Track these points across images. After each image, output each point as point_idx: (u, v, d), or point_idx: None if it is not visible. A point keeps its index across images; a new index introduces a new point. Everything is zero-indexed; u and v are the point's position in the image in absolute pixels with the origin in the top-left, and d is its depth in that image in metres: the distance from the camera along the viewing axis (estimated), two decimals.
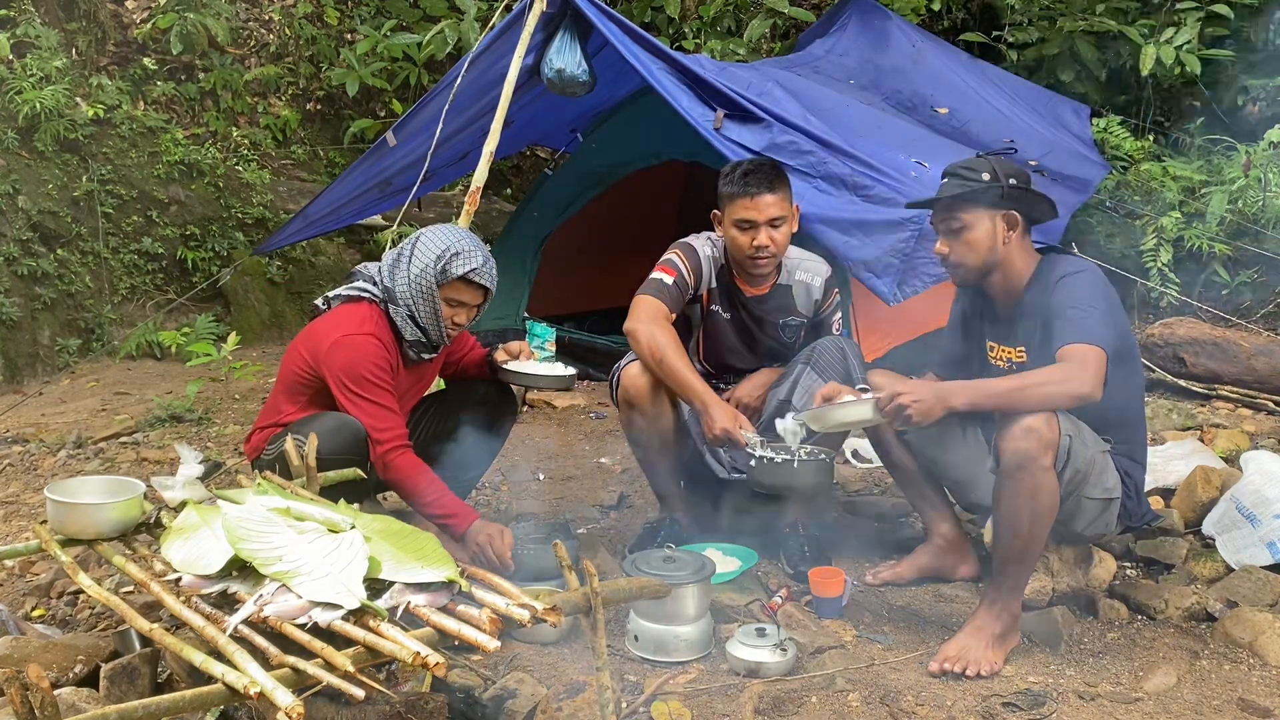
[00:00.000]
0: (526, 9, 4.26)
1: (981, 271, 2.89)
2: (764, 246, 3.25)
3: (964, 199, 2.82)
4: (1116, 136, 6.54)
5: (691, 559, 2.88)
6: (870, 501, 3.95)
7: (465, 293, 3.06)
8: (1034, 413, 2.58)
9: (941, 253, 2.92)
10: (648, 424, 3.27)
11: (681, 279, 3.33)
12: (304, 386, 3.09)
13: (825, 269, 3.46)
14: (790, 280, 3.42)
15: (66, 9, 7.41)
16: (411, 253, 3.07)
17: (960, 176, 2.85)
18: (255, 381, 5.57)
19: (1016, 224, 2.85)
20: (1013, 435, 2.58)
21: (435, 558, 2.10)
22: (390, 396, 3.03)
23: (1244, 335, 5.06)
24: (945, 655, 2.67)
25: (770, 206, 3.23)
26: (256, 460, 3.14)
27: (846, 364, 3.24)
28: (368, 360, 2.99)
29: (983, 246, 2.84)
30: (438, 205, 7.32)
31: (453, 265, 3.01)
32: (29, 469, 4.49)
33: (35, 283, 6.10)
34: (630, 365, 3.26)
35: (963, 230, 2.84)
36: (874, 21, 6.21)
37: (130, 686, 2.33)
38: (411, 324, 3.07)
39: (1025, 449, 2.57)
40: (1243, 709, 2.51)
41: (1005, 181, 2.81)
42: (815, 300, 3.43)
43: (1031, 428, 2.57)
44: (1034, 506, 2.61)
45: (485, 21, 6.15)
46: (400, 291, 3.05)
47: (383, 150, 5.05)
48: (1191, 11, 6.83)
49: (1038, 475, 2.59)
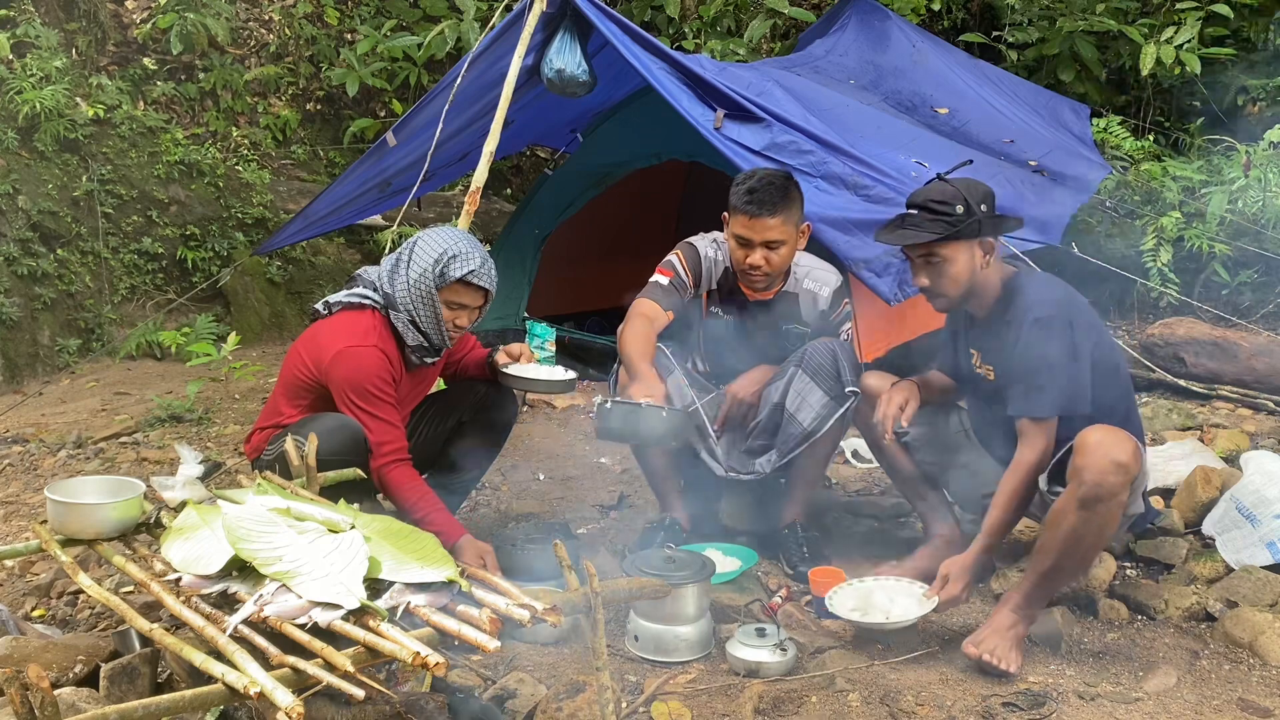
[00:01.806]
0: (526, 9, 4.26)
1: (963, 299, 2.89)
2: (757, 266, 3.21)
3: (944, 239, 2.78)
4: (1116, 136, 6.54)
5: (691, 559, 2.88)
6: (870, 501, 3.95)
7: (465, 295, 3.06)
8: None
9: (923, 285, 2.89)
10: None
11: (678, 279, 3.34)
12: (305, 390, 3.09)
13: (835, 279, 3.40)
14: (798, 288, 3.38)
15: (66, 9, 7.41)
16: (409, 257, 3.06)
17: (933, 211, 2.78)
18: (255, 381, 5.57)
19: (993, 249, 2.85)
20: (1102, 469, 2.55)
21: (435, 558, 2.10)
22: (392, 409, 3.04)
23: (1244, 335, 5.05)
24: (981, 645, 2.67)
25: (769, 230, 3.17)
26: (256, 460, 3.15)
27: (837, 366, 3.21)
28: (371, 374, 2.99)
29: (964, 278, 2.83)
30: (438, 205, 7.32)
31: (451, 268, 3.01)
32: (29, 469, 4.49)
33: (35, 283, 6.10)
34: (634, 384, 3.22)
35: (943, 264, 2.81)
36: (874, 22, 6.20)
37: (130, 686, 2.33)
38: (413, 329, 3.07)
39: (1113, 484, 2.55)
40: (1243, 709, 2.52)
41: (979, 211, 2.77)
42: (822, 311, 3.37)
43: (1123, 464, 2.55)
44: (1099, 537, 2.63)
45: (485, 21, 6.14)
46: (400, 297, 3.05)
47: (383, 150, 5.04)
48: (1191, 11, 6.83)
49: (1113, 510, 2.59)
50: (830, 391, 3.20)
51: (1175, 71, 6.69)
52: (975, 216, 2.77)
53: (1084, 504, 2.56)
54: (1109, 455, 2.54)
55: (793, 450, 3.25)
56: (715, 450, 3.35)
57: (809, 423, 3.21)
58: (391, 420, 3.03)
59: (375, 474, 2.99)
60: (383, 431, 2.99)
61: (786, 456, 3.27)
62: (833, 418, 3.20)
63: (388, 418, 3.02)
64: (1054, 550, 2.64)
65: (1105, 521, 2.59)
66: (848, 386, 3.18)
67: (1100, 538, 2.64)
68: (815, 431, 3.21)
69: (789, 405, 3.25)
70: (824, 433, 3.22)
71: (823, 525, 3.64)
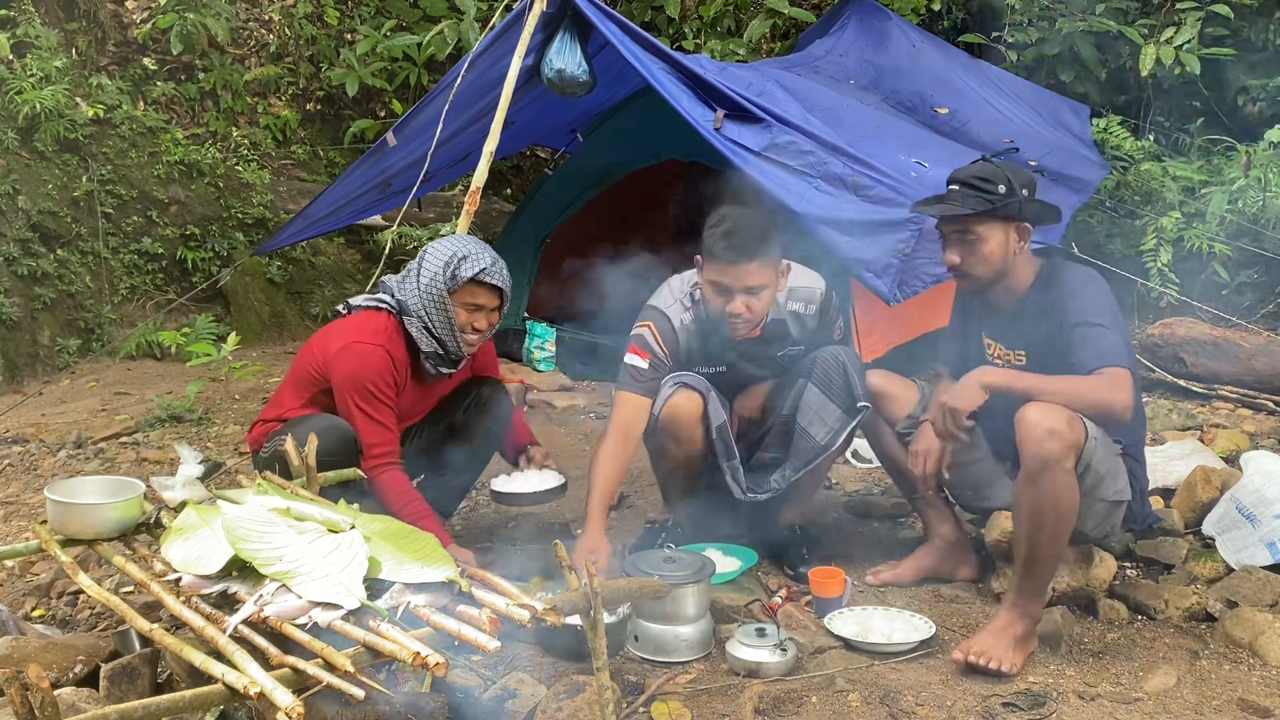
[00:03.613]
0: (526, 9, 4.26)
1: (992, 281, 2.88)
2: (738, 314, 3.07)
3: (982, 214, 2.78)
4: (1116, 136, 6.53)
5: (691, 559, 2.88)
6: (870, 501, 3.95)
7: (479, 295, 3.08)
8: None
9: (952, 262, 2.88)
10: (681, 455, 3.26)
11: (655, 359, 3.19)
12: (310, 383, 3.12)
13: (818, 290, 3.29)
14: (782, 314, 3.27)
15: (66, 9, 7.40)
16: (419, 264, 3.10)
17: (973, 187, 2.79)
18: (255, 381, 5.57)
19: (1028, 235, 2.84)
20: (1036, 438, 2.56)
21: (435, 558, 2.10)
22: (389, 412, 3.05)
23: (1244, 335, 5.05)
24: (970, 648, 2.66)
25: (749, 275, 3.01)
26: (255, 456, 3.16)
27: (847, 376, 3.17)
28: (372, 372, 3.01)
29: (996, 258, 2.83)
30: (438, 205, 7.31)
31: (462, 269, 3.04)
32: (29, 469, 4.49)
33: (35, 283, 6.10)
34: (676, 397, 3.19)
35: (977, 243, 2.81)
36: (874, 22, 6.19)
37: (130, 686, 2.33)
38: (427, 334, 3.09)
39: (1049, 451, 2.55)
40: (1243, 709, 2.52)
41: (1020, 194, 2.78)
42: (812, 330, 3.31)
43: (1055, 430, 2.55)
44: (1056, 509, 2.60)
45: (485, 21, 6.14)
46: (412, 303, 3.08)
47: (383, 150, 5.04)
48: (1191, 11, 6.82)
49: (1060, 477, 2.58)
50: (843, 405, 3.17)
51: (1175, 72, 6.69)
52: (1016, 198, 2.78)
53: (1030, 478, 2.59)
54: (1040, 424, 2.56)
55: (806, 465, 3.23)
56: (738, 472, 3.29)
57: (823, 438, 3.19)
58: (386, 422, 3.03)
59: (366, 475, 2.99)
60: (375, 433, 3.01)
61: (800, 472, 3.25)
62: (845, 431, 3.19)
63: (382, 419, 3.02)
64: (1024, 536, 2.66)
65: (1058, 492, 2.58)
66: (859, 401, 3.15)
67: (1059, 509, 2.60)
68: (830, 446, 3.19)
69: (800, 420, 3.21)
70: (837, 446, 3.21)
71: (823, 525, 3.64)
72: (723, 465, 3.27)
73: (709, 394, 3.23)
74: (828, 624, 2.86)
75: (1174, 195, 6.05)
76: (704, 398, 3.21)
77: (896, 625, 2.85)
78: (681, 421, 3.19)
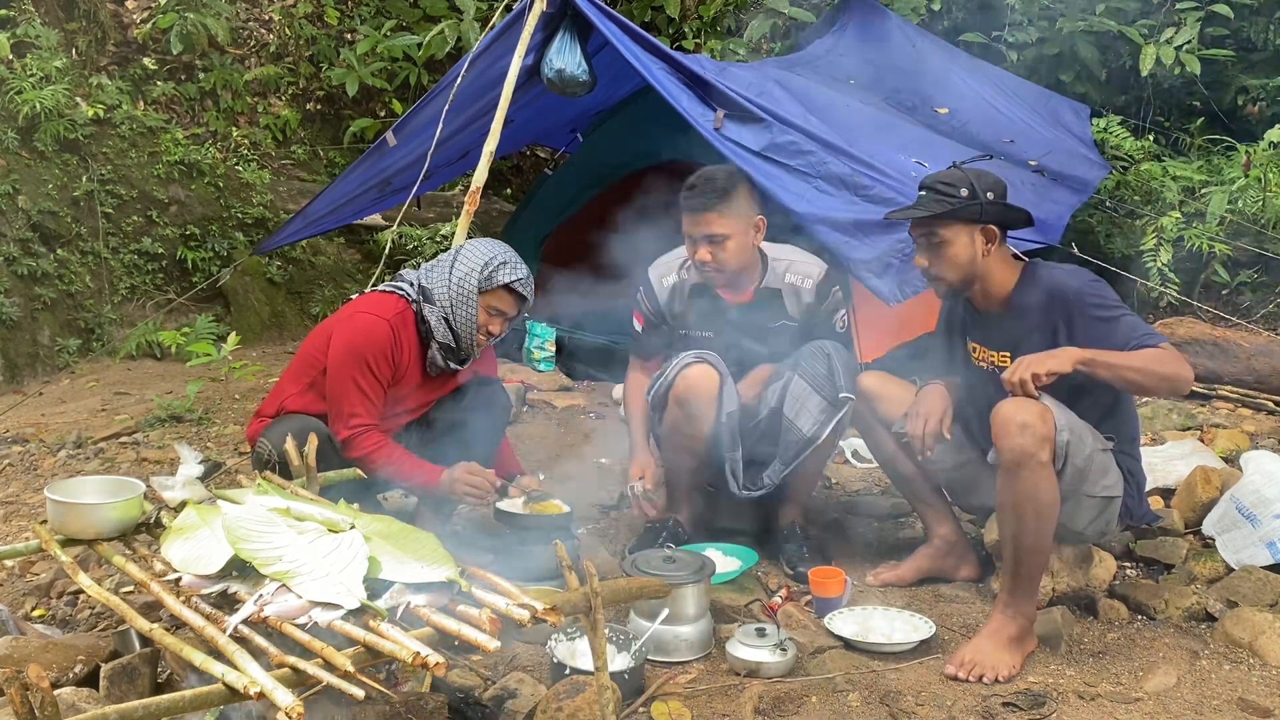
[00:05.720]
0: (526, 9, 4.26)
1: (963, 284, 2.90)
2: (705, 262, 3.23)
3: (942, 216, 2.82)
4: (1116, 136, 6.54)
5: (691, 559, 2.88)
6: (870, 502, 3.95)
7: (505, 301, 3.15)
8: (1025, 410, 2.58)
9: (921, 265, 2.93)
10: (689, 423, 3.25)
11: (649, 321, 3.45)
12: (311, 365, 3.15)
13: (818, 270, 3.38)
14: (779, 284, 3.36)
15: (66, 9, 7.40)
16: (454, 259, 3.15)
17: (937, 191, 2.84)
18: (255, 381, 5.57)
19: (995, 238, 2.86)
20: (1009, 433, 2.59)
21: (435, 557, 2.10)
22: (379, 390, 3.06)
23: (1244, 335, 5.05)
24: (960, 660, 2.66)
25: (709, 224, 3.18)
26: (253, 450, 3.17)
27: (831, 369, 3.20)
28: (372, 344, 3.04)
29: (962, 261, 2.85)
30: (438, 205, 7.32)
31: (500, 273, 3.11)
32: (29, 469, 4.49)
33: (35, 283, 6.10)
34: (692, 366, 3.23)
35: (942, 245, 2.85)
36: (874, 21, 6.19)
37: (130, 686, 2.33)
38: (444, 325, 3.12)
39: (1022, 445, 2.57)
40: (1243, 709, 2.52)
41: (983, 197, 2.81)
42: (808, 304, 3.36)
43: (1026, 424, 2.57)
44: (1036, 503, 2.61)
45: (485, 21, 6.14)
46: (439, 292, 3.11)
47: (383, 150, 5.04)
48: (1191, 11, 6.82)
49: (1036, 471, 2.59)
50: (827, 397, 3.19)
51: (1175, 72, 6.69)
52: (978, 201, 2.80)
53: (1007, 473, 2.61)
54: (1012, 420, 2.58)
55: (795, 459, 3.24)
56: (738, 465, 3.30)
57: (809, 429, 3.20)
58: (373, 398, 3.05)
59: (343, 443, 3.00)
60: (360, 403, 3.02)
61: (790, 465, 3.25)
62: (830, 423, 3.20)
63: (371, 394, 3.04)
64: (1009, 536, 2.67)
65: (1037, 484, 2.59)
66: (841, 393, 3.17)
67: (1038, 504, 2.61)
68: (816, 438, 3.20)
69: (787, 411, 3.23)
70: (824, 438, 3.22)
71: (823, 525, 3.64)
72: (724, 455, 3.29)
73: (726, 379, 3.26)
74: (828, 624, 2.86)
75: (1174, 195, 6.05)
76: (721, 380, 3.24)
77: (896, 625, 2.85)
78: (698, 394, 3.21)
